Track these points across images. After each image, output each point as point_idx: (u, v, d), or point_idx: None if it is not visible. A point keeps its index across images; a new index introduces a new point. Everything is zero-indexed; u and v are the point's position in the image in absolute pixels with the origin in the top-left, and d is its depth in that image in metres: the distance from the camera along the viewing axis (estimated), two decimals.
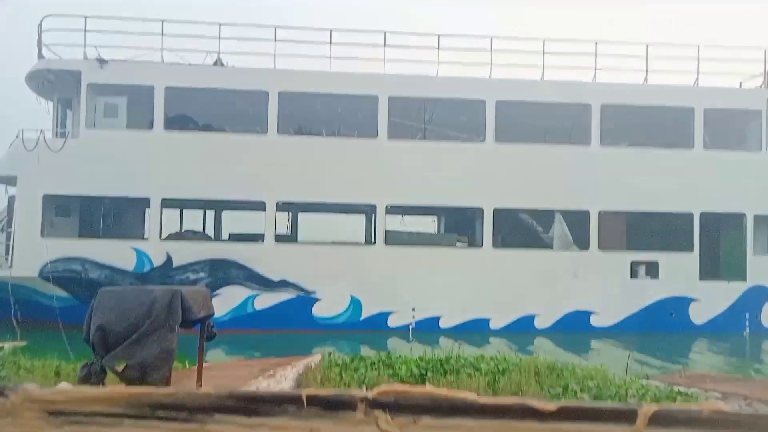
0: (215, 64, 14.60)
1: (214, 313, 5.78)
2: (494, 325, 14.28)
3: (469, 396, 1.12)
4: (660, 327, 14.37)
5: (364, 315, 14.02)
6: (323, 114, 16.00)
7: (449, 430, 1.08)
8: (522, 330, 14.17)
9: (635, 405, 1.17)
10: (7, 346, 8.63)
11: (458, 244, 15.47)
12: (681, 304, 14.80)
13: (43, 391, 1.04)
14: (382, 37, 14.65)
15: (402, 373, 7.10)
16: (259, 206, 14.13)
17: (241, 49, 14.93)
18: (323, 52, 14.57)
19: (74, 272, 13.45)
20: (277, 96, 14.13)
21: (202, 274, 13.64)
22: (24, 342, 10.24)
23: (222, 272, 13.76)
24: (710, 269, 15.11)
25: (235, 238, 15.27)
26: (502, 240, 14.90)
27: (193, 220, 16.92)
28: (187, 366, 7.38)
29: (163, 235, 14.03)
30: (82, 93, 13.77)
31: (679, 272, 14.85)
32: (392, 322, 14.07)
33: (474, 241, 15.04)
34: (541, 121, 15.87)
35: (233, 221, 16.91)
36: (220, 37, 14.34)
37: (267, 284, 13.80)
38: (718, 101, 15.26)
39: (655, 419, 1.17)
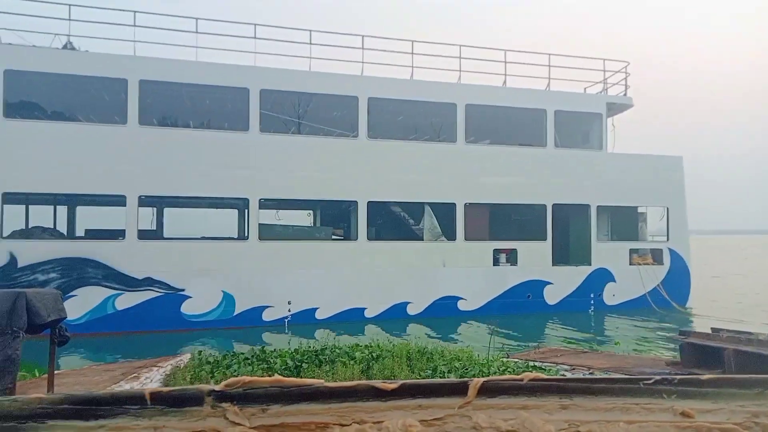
0: (65, 47, 13.29)
1: (66, 317, 5.34)
2: (369, 314, 14.64)
3: (317, 382, 1.18)
4: (519, 309, 15.71)
5: (238, 311, 13.63)
6: (190, 105, 15.26)
7: (297, 415, 1.13)
8: (396, 317, 14.68)
9: (468, 379, 1.31)
10: None
11: (333, 237, 15.62)
12: (537, 287, 16.19)
13: None
14: (253, 30, 14.33)
15: (276, 366, 6.99)
16: (120, 201, 13.16)
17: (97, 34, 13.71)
18: (191, 41, 13.88)
19: None
20: (138, 84, 13.21)
21: (53, 275, 12.33)
22: None
23: (77, 272, 12.56)
24: (561, 255, 16.69)
25: (92, 234, 14.05)
26: (376, 232, 15.28)
27: (41, 216, 15.30)
28: (38, 375, 6.74)
29: (6, 233, 12.54)
30: None
31: (534, 258, 16.24)
32: (267, 316, 13.85)
33: (349, 234, 15.27)
34: (412, 118, 16.54)
35: (90, 217, 15.56)
36: (70, 18, 13.06)
37: (129, 283, 12.87)
38: (566, 104, 16.85)
39: (484, 389, 1.32)
